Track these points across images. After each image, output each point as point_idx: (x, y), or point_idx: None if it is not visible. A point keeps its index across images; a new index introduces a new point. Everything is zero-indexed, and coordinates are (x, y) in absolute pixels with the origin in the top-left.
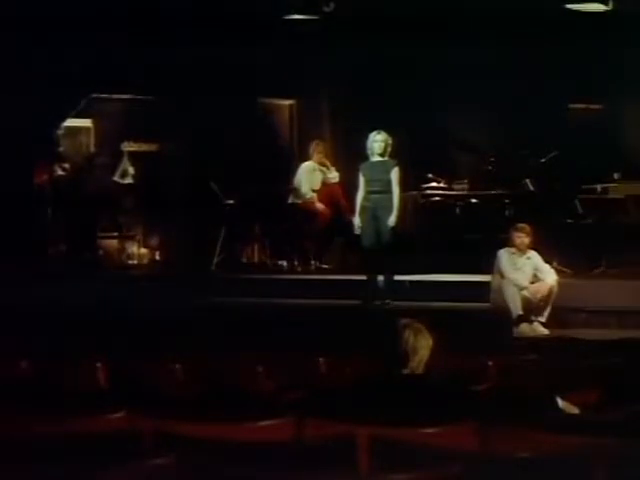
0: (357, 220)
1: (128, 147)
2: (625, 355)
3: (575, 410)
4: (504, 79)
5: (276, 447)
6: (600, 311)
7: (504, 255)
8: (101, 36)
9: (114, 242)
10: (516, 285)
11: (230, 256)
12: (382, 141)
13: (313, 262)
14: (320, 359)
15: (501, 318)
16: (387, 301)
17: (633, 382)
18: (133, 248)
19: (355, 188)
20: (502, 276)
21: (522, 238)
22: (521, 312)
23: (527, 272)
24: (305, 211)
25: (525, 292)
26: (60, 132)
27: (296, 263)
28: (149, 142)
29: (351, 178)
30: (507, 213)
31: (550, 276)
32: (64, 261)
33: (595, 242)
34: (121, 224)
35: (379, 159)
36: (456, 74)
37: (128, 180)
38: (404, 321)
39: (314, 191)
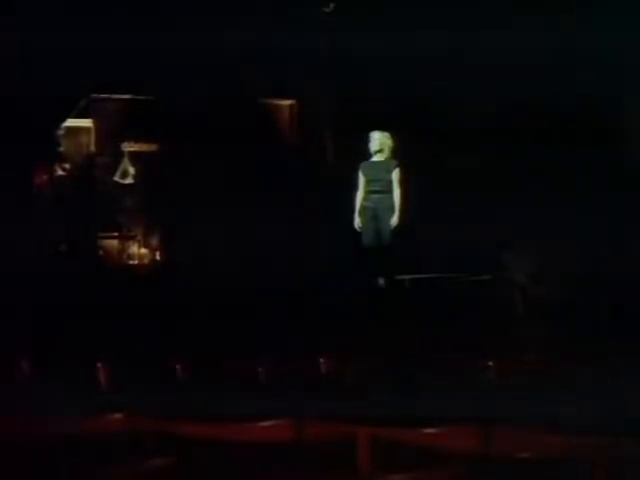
0: (357, 220)
1: (128, 147)
2: None
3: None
4: None
5: (276, 447)
6: None
7: (506, 254)
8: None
9: (114, 242)
10: (517, 284)
11: None
12: (385, 142)
13: None
14: (320, 359)
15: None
16: None
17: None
18: (133, 248)
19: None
20: (503, 275)
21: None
22: (522, 311)
23: (528, 271)
24: None
25: (525, 291)
26: (60, 132)
27: None
28: (149, 142)
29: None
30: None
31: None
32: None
33: None
34: (121, 224)
35: (380, 159)
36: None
37: (128, 180)
38: None
39: None
